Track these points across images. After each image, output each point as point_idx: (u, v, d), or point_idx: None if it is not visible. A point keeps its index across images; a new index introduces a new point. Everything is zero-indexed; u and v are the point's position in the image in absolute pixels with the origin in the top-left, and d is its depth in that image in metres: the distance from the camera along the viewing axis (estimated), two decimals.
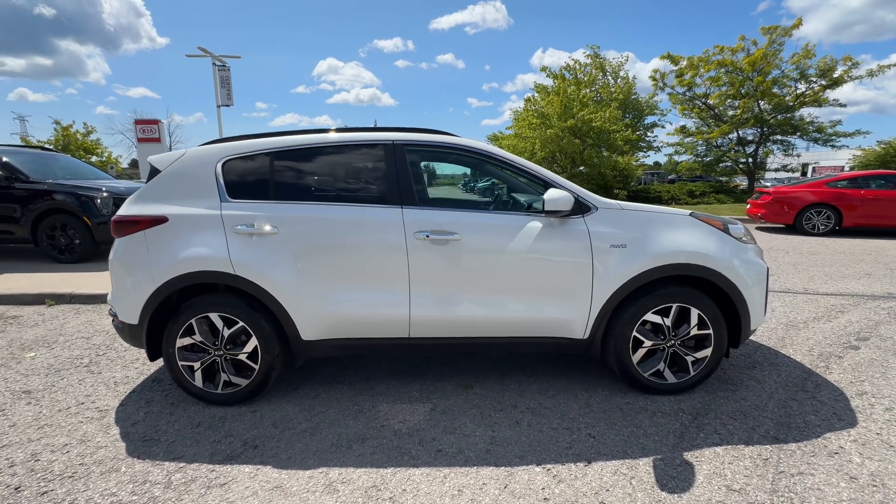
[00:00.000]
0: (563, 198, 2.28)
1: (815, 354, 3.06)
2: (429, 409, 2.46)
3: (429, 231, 2.38)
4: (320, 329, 2.46)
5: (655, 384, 2.51)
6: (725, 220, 2.59)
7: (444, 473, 1.93)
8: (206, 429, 2.31)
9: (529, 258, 2.40)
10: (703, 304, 2.42)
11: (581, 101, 14.12)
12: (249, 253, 2.39)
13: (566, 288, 2.42)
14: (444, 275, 2.42)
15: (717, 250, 2.42)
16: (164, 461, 2.05)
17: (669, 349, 2.49)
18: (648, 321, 2.45)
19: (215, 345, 2.46)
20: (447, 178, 14.20)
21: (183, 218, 2.44)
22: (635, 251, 2.39)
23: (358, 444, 2.15)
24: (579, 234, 2.40)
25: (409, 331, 2.47)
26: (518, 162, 2.52)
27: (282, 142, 2.55)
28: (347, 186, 2.55)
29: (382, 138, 2.53)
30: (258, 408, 2.50)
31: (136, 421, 2.39)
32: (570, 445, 2.10)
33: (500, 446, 2.11)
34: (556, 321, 2.46)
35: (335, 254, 2.42)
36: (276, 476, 1.94)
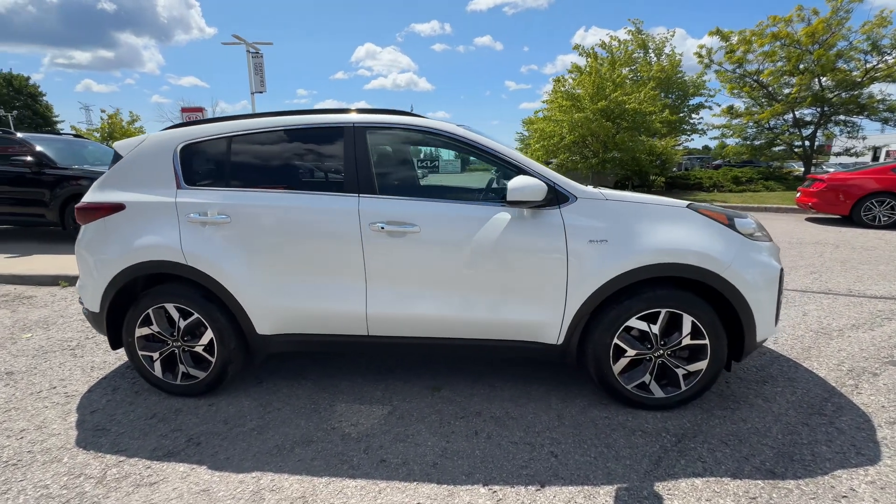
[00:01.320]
0: (529, 186, 2.01)
1: (845, 370, 2.64)
2: (387, 413, 2.31)
3: (384, 222, 2.18)
4: (276, 323, 2.35)
5: (640, 398, 2.22)
6: (731, 214, 2.22)
7: (379, 488, 1.77)
8: (158, 421, 2.27)
9: (496, 253, 2.15)
10: (699, 310, 2.09)
11: (615, 81, 13.21)
12: (202, 243, 2.29)
13: (537, 288, 2.16)
14: (403, 269, 2.23)
15: (715, 248, 2.07)
16: (107, 454, 2.02)
17: (657, 359, 2.19)
18: (632, 327, 2.16)
19: (173, 336, 2.40)
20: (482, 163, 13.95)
21: (139, 205, 2.37)
22: (617, 248, 2.09)
23: (301, 448, 2.03)
24: (553, 227, 2.12)
25: (368, 328, 2.31)
26: (487, 146, 2.25)
27: (239, 125, 2.41)
28: (305, 173, 2.39)
29: (342, 120, 2.33)
30: (216, 401, 2.44)
31: (96, 409, 2.38)
32: (526, 464, 1.88)
33: (450, 460, 1.93)
34: (526, 324, 2.21)
35: (289, 245, 2.28)
36: (207, 478, 1.85)
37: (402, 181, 2.30)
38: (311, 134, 2.37)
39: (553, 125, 13.91)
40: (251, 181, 2.37)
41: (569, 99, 13.28)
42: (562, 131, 13.50)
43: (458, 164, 15.47)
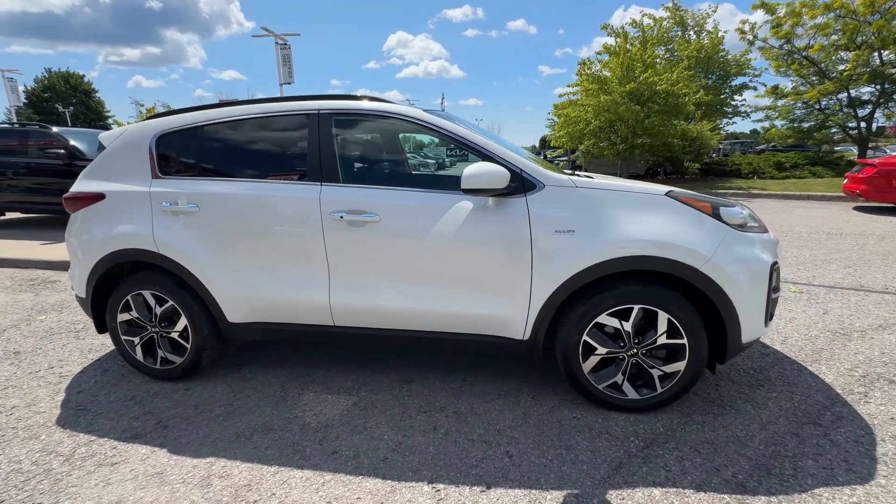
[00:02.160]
0: (486, 174, 1.89)
1: (857, 376, 2.38)
2: (352, 404, 2.29)
3: (344, 211, 2.13)
4: (245, 312, 2.37)
5: (612, 399, 2.09)
6: (717, 202, 2.01)
7: (324, 480, 1.76)
8: (135, 403, 2.35)
9: (458, 244, 2.06)
10: (676, 307, 1.93)
11: (645, 61, 12.46)
12: (172, 231, 2.33)
13: (501, 280, 2.06)
14: (364, 260, 2.18)
15: (694, 240, 1.89)
16: (81, 433, 2.11)
17: (630, 359, 2.04)
18: (603, 324, 2.02)
19: (151, 322, 2.47)
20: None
21: (118, 195, 2.44)
22: (585, 239, 1.95)
23: (259, 436, 2.05)
24: (517, 216, 2.00)
25: (333, 318, 2.28)
26: (451, 130, 2.14)
27: (210, 115, 2.42)
28: (272, 161, 2.37)
29: (306, 107, 2.29)
30: (192, 386, 2.51)
31: (83, 389, 2.50)
32: (477, 463, 1.81)
33: (401, 455, 1.88)
34: (491, 318, 2.12)
35: (254, 234, 2.28)
36: (164, 461, 1.90)
37: (367, 169, 2.24)
38: (277, 122, 2.34)
39: (579, 110, 13.38)
40: (220, 170, 2.38)
41: (595, 82, 12.69)
42: (587, 116, 12.96)
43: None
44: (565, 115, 13.66)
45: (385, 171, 2.22)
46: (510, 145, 2.92)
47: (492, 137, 2.55)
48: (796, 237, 6.03)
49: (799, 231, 6.44)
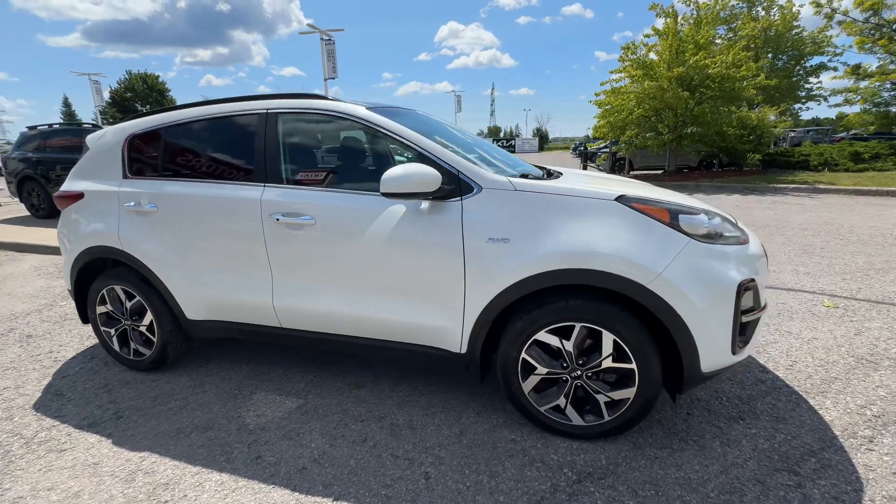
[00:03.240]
0: (409, 176, 1.76)
1: (868, 415, 2.00)
2: (296, 407, 2.27)
3: (282, 213, 2.10)
4: (201, 309, 2.42)
5: (555, 423, 1.91)
6: (677, 209, 1.74)
7: (237, 486, 1.75)
8: (105, 392, 2.49)
9: (391, 249, 1.96)
10: (622, 327, 1.70)
11: (698, 42, 11.37)
12: (135, 230, 2.42)
13: (434, 289, 1.93)
14: (303, 263, 2.14)
15: (641, 253, 1.65)
16: (48, 418, 2.26)
17: (574, 381, 1.85)
18: (543, 342, 1.83)
19: (123, 315, 2.60)
20: (560, 140, 13.43)
21: (94, 194, 2.57)
22: (520, 248, 1.76)
23: (198, 434, 2.09)
24: (450, 221, 1.86)
25: (278, 320, 2.27)
26: (390, 129, 2.02)
27: (173, 116, 2.47)
28: (225, 162, 2.38)
29: (257, 107, 2.27)
30: (160, 377, 2.62)
31: (67, 375, 2.70)
32: (391, 483, 1.72)
33: (321, 466, 1.83)
34: (427, 328, 2.00)
35: (207, 234, 2.31)
36: (104, 452, 1.98)
37: (310, 170, 2.18)
38: (232, 122, 2.34)
39: (621, 98, 12.54)
40: (178, 171, 2.43)
41: (640, 67, 11.81)
42: (630, 104, 12.12)
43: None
44: (606, 104, 12.86)
45: (328, 173, 2.14)
46: (479, 143, 2.75)
47: (445, 135, 2.41)
48: (855, 240, 5.26)
49: (861, 234, 5.62)
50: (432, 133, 2.64)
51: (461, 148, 2.65)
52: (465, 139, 2.71)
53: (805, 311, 3.21)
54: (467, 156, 2.06)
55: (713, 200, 9.01)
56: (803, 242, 5.25)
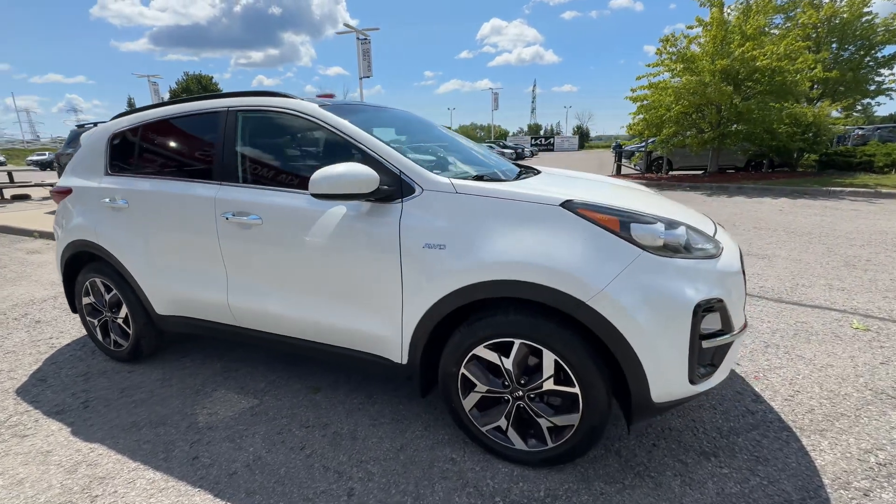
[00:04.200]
0: (340, 176, 1.66)
1: (872, 462, 1.70)
2: (249, 407, 2.26)
3: (231, 212, 2.07)
4: (167, 305, 2.45)
5: (497, 445, 1.76)
6: (630, 216, 1.54)
7: (165, 486, 1.74)
8: (83, 380, 2.59)
9: (331, 252, 1.88)
10: (564, 347, 1.53)
11: (745, 33, 10.48)
12: (109, 225, 2.49)
13: (374, 296, 1.83)
14: (252, 262, 2.11)
15: (582, 265, 1.47)
16: (25, 402, 2.37)
17: (516, 402, 1.69)
18: (481, 357, 1.69)
19: (104, 307, 2.70)
20: (605, 138, 13.25)
21: (79, 190, 2.67)
22: (456, 256, 1.63)
23: (149, 429, 2.11)
24: (387, 225, 1.75)
25: (235, 319, 2.26)
26: (340, 128, 1.93)
27: (147, 115, 2.52)
28: (189, 159, 2.39)
29: (219, 105, 2.26)
30: (135, 369, 2.69)
31: (56, 362, 2.83)
32: (313, 497, 1.65)
33: (251, 473, 1.79)
34: (368, 336, 1.91)
35: (168, 230, 2.34)
36: (60, 441, 2.04)
37: (262, 168, 2.13)
38: (197, 121, 2.35)
39: (658, 93, 11.86)
40: (149, 168, 2.47)
41: (680, 60, 11.10)
42: (667, 100, 11.42)
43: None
44: (643, 100, 12.20)
45: (280, 172, 2.09)
46: (460, 143, 2.64)
47: (419, 134, 2.31)
48: None
49: None
50: (407, 132, 2.56)
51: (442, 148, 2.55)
52: (448, 138, 2.60)
53: (827, 333, 2.84)
54: (423, 156, 1.95)
55: (754, 204, 8.31)
56: (847, 253, 4.70)
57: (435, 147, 2.43)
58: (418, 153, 2.36)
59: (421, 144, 2.44)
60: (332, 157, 1.97)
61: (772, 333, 2.86)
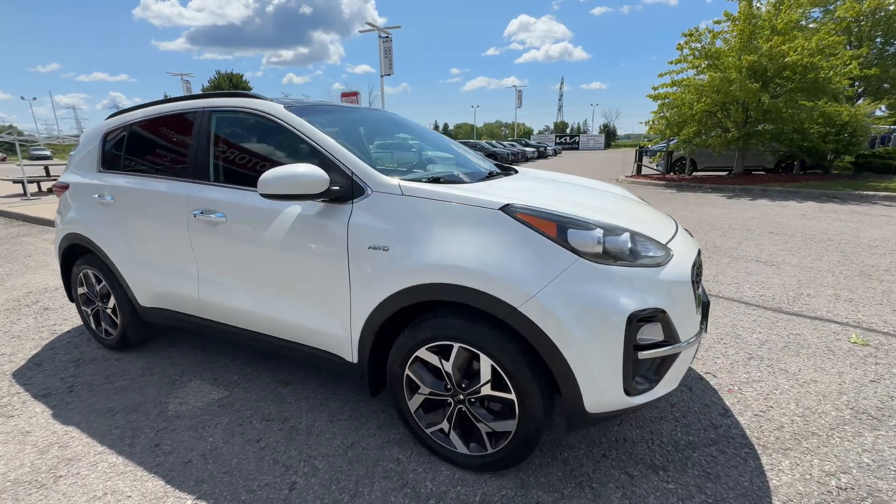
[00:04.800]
0: (289, 177, 1.68)
1: (832, 486, 1.61)
2: (218, 398, 2.33)
3: (199, 210, 2.15)
4: (149, 297, 2.56)
5: (440, 448, 1.76)
6: (568, 221, 1.50)
7: (122, 471, 1.82)
8: (74, 366, 2.74)
9: (288, 251, 1.92)
10: (501, 353, 1.51)
11: (775, 26, 9.95)
12: (97, 220, 2.62)
13: (325, 295, 1.86)
14: (218, 259, 2.18)
15: (515, 270, 1.45)
16: (18, 384, 2.53)
17: (457, 406, 1.69)
18: (424, 359, 1.70)
19: (95, 297, 2.84)
20: (634, 137, 13.17)
21: (75, 185, 2.82)
22: (398, 258, 1.64)
23: (122, 415, 2.22)
24: (337, 226, 1.78)
25: (206, 312, 2.34)
26: (296, 128, 1.96)
27: (136, 114, 2.63)
28: (169, 158, 2.48)
29: (197, 106, 2.34)
30: (123, 357, 2.82)
31: (54, 347, 3.00)
32: (256, 489, 1.69)
33: (205, 462, 1.86)
34: (323, 334, 1.94)
35: (147, 226, 2.44)
36: (40, 423, 2.17)
37: (231, 167, 2.19)
38: (178, 121, 2.44)
39: (682, 91, 11.45)
40: (135, 166, 2.58)
41: (703, 56, 10.68)
42: (689, 98, 11.02)
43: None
44: (665, 98, 11.81)
45: (244, 171, 2.14)
46: (439, 143, 2.64)
47: (390, 134, 2.33)
48: None
49: None
50: (380, 132, 2.58)
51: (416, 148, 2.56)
52: (427, 138, 2.61)
53: (820, 346, 2.69)
54: (389, 156, 1.96)
55: (776, 208, 7.94)
56: (865, 262, 4.44)
57: (407, 147, 2.44)
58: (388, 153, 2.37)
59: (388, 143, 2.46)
60: (294, 158, 2.01)
61: (759, 345, 2.73)
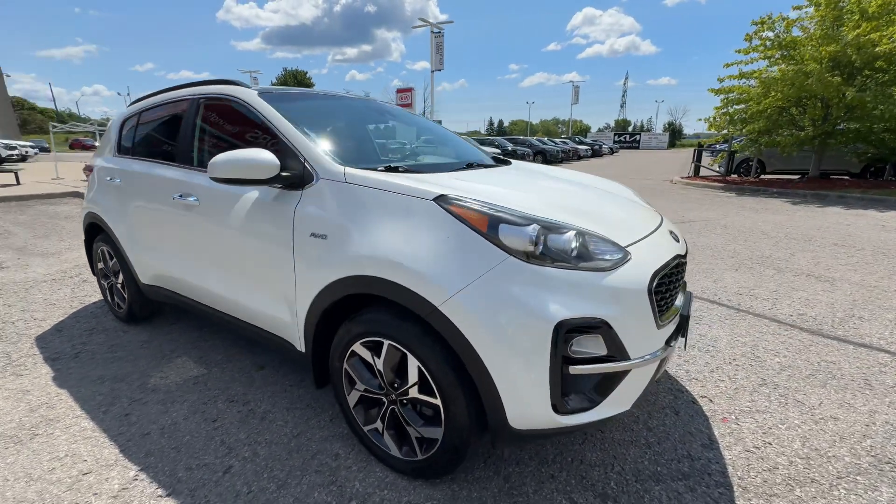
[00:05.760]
0: (237, 161, 1.67)
1: None
2: (195, 376, 2.42)
3: (179, 193, 2.22)
4: (148, 276, 2.71)
5: (375, 447, 1.70)
6: (500, 216, 1.35)
7: (90, 435, 1.93)
8: (88, 335, 2.97)
9: (246, 236, 1.93)
10: (427, 354, 1.41)
11: (864, 10, 8.65)
12: (108, 201, 2.81)
13: (276, 281, 1.85)
14: (193, 240, 2.24)
15: (439, 266, 1.33)
16: (38, 347, 2.78)
17: (390, 406, 1.60)
18: (359, 354, 1.63)
19: (110, 272, 3.06)
20: (704, 136, 12.49)
21: (97, 168, 3.05)
22: (335, 247, 1.58)
23: (110, 383, 2.36)
24: (285, 212, 1.75)
25: (190, 292, 2.43)
26: (265, 116, 1.96)
27: (147, 102, 2.79)
28: (164, 144, 2.59)
29: (190, 93, 2.42)
30: (130, 329, 3.02)
31: (78, 316, 3.28)
32: (195, 467, 1.72)
33: (161, 436, 1.92)
34: (279, 321, 1.93)
35: (144, 207, 2.57)
36: (40, 384, 2.36)
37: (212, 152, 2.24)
38: (175, 108, 2.54)
39: (749, 85, 10.38)
40: (139, 151, 2.74)
41: (777, 47, 9.59)
42: (757, 92, 9.96)
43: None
44: (726, 92, 10.78)
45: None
46: (431, 131, 2.56)
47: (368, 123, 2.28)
48: None
49: None
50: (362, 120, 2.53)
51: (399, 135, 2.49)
52: (411, 126, 2.54)
53: (857, 378, 2.29)
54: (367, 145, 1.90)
55: (850, 217, 6.98)
56: None
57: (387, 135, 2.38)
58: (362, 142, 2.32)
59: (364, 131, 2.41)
60: (261, 144, 2.01)
61: (778, 370, 2.38)
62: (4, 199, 8.55)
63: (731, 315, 3.18)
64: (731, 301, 3.46)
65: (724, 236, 5.78)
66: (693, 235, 5.82)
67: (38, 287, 3.86)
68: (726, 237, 5.73)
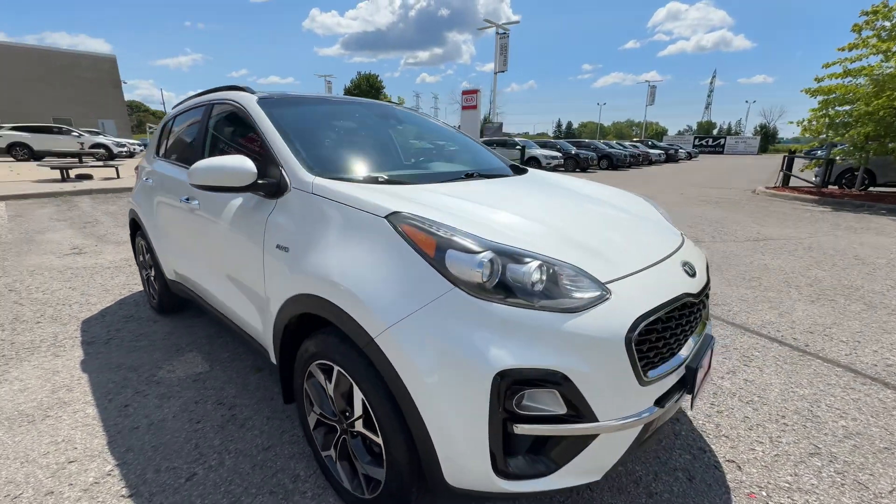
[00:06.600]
0: (215, 168, 1.64)
1: None
2: (197, 372, 2.50)
3: (185, 196, 2.29)
4: (171, 271, 2.86)
5: (330, 476, 1.59)
6: (449, 241, 1.16)
7: (89, 423, 2.04)
8: (124, 322, 3.21)
9: (231, 242, 1.93)
10: (370, 387, 1.27)
11: None
12: (142, 199, 3.02)
13: (253, 289, 1.82)
14: (198, 242, 2.30)
15: (380, 292, 1.18)
16: (80, 330, 3.04)
17: (341, 435, 1.49)
18: (315, 376, 1.53)
19: (146, 265, 3.30)
20: (803, 141, 11.62)
21: (141, 168, 3.30)
22: (293, 260, 1.50)
23: (124, 372, 2.51)
24: (259, 221, 1.71)
25: (199, 291, 2.52)
26: (256, 123, 1.94)
27: (181, 107, 2.95)
28: (185, 147, 2.71)
29: (208, 99, 2.51)
30: (160, 320, 3.22)
31: (123, 303, 3.57)
32: (163, 470, 1.74)
33: (147, 433, 1.98)
34: (256, 329, 1.91)
35: (164, 207, 2.71)
36: (69, 365, 2.57)
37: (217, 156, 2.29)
38: (197, 113, 2.65)
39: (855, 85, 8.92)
40: (168, 153, 2.90)
41: (893, 38, 8.14)
42: (865, 92, 8.52)
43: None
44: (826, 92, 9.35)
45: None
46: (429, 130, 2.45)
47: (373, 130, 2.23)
48: None
49: None
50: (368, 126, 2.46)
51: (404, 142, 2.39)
52: (419, 132, 2.44)
53: None
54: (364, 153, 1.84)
55: None
56: None
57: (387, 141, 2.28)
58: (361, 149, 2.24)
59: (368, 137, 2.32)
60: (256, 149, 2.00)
61: (842, 437, 1.92)
62: (103, 190, 9.76)
63: (794, 358, 2.67)
64: (798, 340, 2.91)
65: (805, 259, 4.97)
66: (765, 256, 5.07)
67: (101, 273, 4.29)
68: (808, 260, 4.92)
